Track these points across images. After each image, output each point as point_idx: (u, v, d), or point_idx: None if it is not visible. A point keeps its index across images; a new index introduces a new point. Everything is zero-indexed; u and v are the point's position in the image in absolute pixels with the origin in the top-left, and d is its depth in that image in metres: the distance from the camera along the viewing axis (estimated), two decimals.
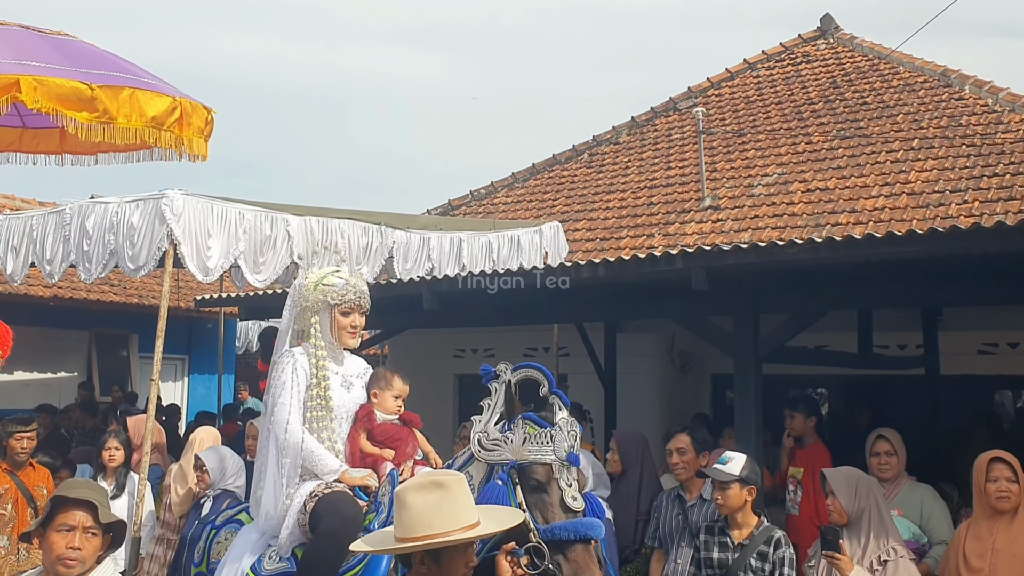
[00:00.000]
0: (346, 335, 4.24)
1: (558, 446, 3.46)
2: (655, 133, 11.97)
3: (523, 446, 3.49)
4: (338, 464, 4.05)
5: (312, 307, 4.23)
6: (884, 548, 4.39)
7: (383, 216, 7.14)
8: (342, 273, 4.34)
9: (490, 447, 3.57)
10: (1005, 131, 8.90)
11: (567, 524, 3.35)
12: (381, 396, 4.23)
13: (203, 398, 15.09)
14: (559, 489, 3.43)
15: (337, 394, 4.19)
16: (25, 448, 6.46)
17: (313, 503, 3.88)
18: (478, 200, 11.89)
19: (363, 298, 4.28)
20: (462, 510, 2.77)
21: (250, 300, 9.12)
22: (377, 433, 4.16)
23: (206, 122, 7.61)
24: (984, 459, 4.40)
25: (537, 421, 3.51)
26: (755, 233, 8.48)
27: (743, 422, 5.80)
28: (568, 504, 3.42)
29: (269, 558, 4.02)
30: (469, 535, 2.78)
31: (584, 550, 3.33)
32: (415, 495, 2.77)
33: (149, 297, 13.11)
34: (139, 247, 5.93)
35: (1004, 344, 8.99)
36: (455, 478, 2.84)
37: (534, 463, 3.46)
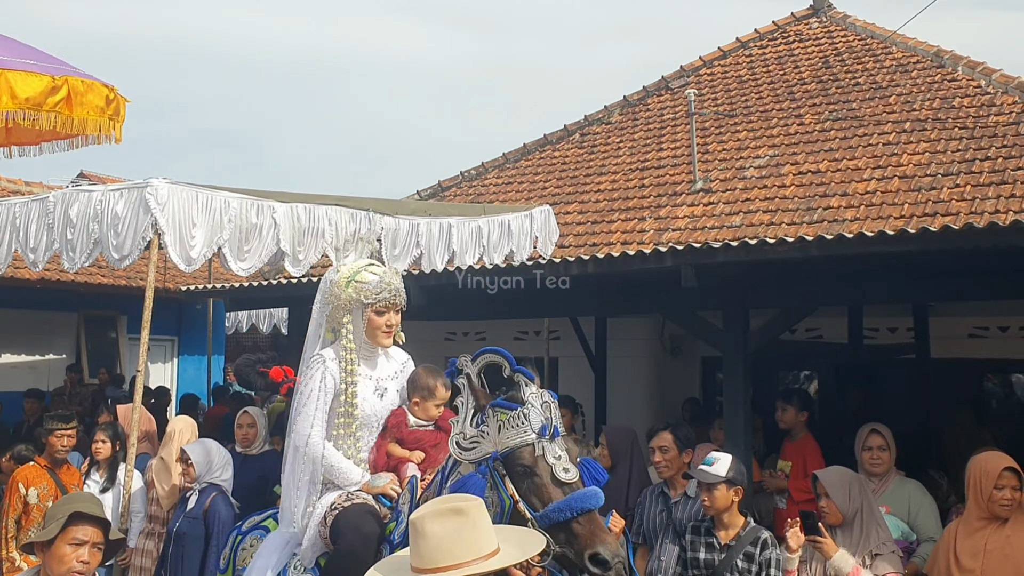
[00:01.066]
0: (381, 335, 4.03)
1: (533, 422, 3.33)
2: (647, 113, 11.88)
3: (500, 435, 3.36)
4: (359, 476, 3.93)
5: (344, 306, 4.01)
6: (876, 543, 4.40)
7: (371, 202, 7.07)
8: (376, 269, 4.11)
9: (469, 446, 3.46)
10: (998, 113, 8.84)
11: (561, 504, 3.21)
12: (423, 405, 4.08)
13: (193, 379, 15.03)
14: (547, 465, 3.29)
15: (369, 403, 4.03)
16: (65, 446, 6.39)
17: (333, 516, 3.79)
18: (468, 181, 11.80)
19: (399, 296, 4.05)
20: (483, 537, 2.65)
21: (236, 292, 9.07)
22: (409, 441, 4.04)
23: (107, 100, 7.37)
24: (996, 467, 4.36)
25: (505, 405, 3.38)
26: (746, 217, 8.44)
27: (732, 415, 5.78)
28: (560, 477, 3.27)
29: (295, 568, 3.93)
30: (494, 566, 2.65)
31: (587, 520, 3.21)
32: (433, 523, 2.63)
33: (137, 279, 13.00)
34: (123, 236, 5.86)
35: (994, 328, 9.00)
36: (474, 503, 2.72)
37: (515, 448, 3.32)
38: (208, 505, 5.75)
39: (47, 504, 6.02)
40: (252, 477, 6.45)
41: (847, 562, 4.31)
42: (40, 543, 3.28)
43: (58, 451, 6.36)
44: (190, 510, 5.82)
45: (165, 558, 5.85)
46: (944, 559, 4.39)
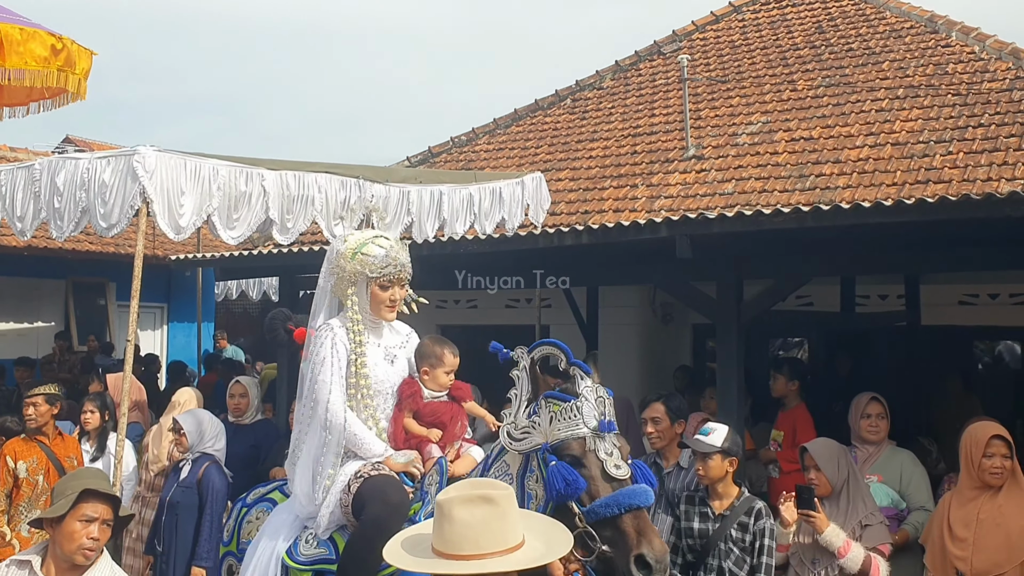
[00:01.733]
0: (384, 309, 3.98)
1: (587, 417, 3.28)
2: (639, 78, 11.79)
3: (551, 426, 3.30)
4: (382, 448, 3.85)
5: (349, 278, 3.95)
6: (864, 513, 4.44)
7: (361, 169, 6.99)
8: (382, 241, 4.02)
9: (520, 436, 3.39)
10: (991, 80, 8.80)
11: (609, 499, 3.15)
12: (432, 373, 4.01)
13: (183, 347, 15.00)
14: (598, 461, 3.24)
15: (381, 369, 3.97)
16: (31, 415, 6.25)
17: (358, 483, 3.70)
18: (459, 148, 11.71)
19: (404, 271, 3.99)
20: (509, 528, 2.56)
21: (226, 261, 9.01)
22: (424, 413, 3.96)
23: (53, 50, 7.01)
24: (984, 435, 4.39)
25: (560, 397, 3.34)
26: (739, 184, 8.40)
27: (725, 385, 5.79)
28: (611, 473, 3.22)
29: (306, 542, 3.84)
30: (518, 565, 2.55)
31: (634, 518, 3.14)
32: (461, 509, 2.54)
33: (126, 246, 12.91)
34: (111, 205, 5.77)
35: (984, 295, 9.03)
36: (505, 493, 2.61)
37: (566, 440, 3.27)
38: (201, 475, 5.76)
39: (37, 478, 6.01)
40: (244, 446, 6.46)
41: (838, 536, 4.35)
42: (49, 519, 3.27)
43: (28, 419, 6.28)
44: (183, 480, 5.83)
45: (158, 527, 5.86)
46: (938, 529, 4.43)
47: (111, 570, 3.35)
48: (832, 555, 4.36)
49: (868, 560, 4.35)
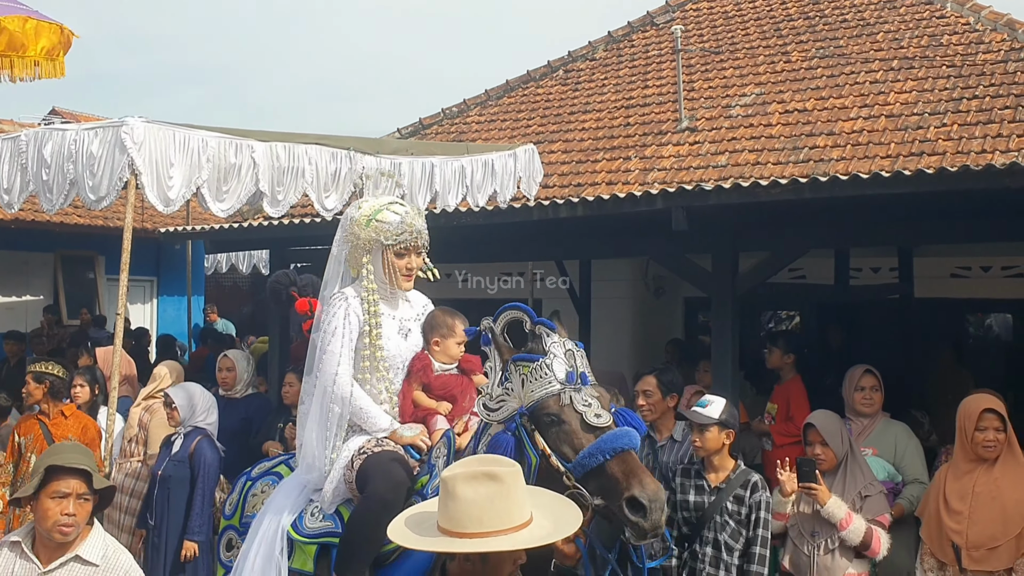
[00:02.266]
0: (401, 278, 3.85)
1: (557, 372, 3.17)
2: (632, 49, 11.69)
3: (524, 388, 3.20)
4: (388, 422, 3.77)
5: (364, 246, 3.83)
6: (863, 483, 4.45)
7: (351, 141, 6.93)
8: (397, 208, 3.87)
9: (496, 406, 3.30)
10: (986, 51, 8.75)
11: (591, 448, 3.01)
12: (443, 344, 3.90)
13: (173, 320, 14.94)
14: (576, 413, 3.11)
15: (393, 342, 3.86)
16: (24, 393, 6.13)
17: (361, 460, 3.64)
18: (450, 119, 11.62)
19: (420, 238, 3.85)
20: (515, 506, 2.48)
21: (216, 233, 8.93)
22: (435, 386, 3.88)
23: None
24: (976, 408, 4.39)
25: (527, 358, 3.23)
26: (732, 156, 8.36)
27: (720, 358, 5.78)
28: (592, 423, 3.08)
29: (311, 515, 3.78)
30: (523, 544, 2.47)
31: (620, 462, 2.99)
32: (465, 486, 2.47)
33: (115, 219, 12.80)
34: (99, 177, 5.71)
35: (977, 268, 9.04)
36: (511, 470, 2.52)
37: (541, 399, 3.15)
38: (193, 449, 5.74)
39: (30, 455, 5.97)
40: (235, 420, 6.45)
41: (840, 508, 4.36)
42: (26, 499, 3.24)
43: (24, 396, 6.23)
44: (175, 454, 5.80)
45: (151, 500, 5.85)
46: (934, 502, 4.44)
47: (103, 542, 3.32)
48: (833, 527, 4.38)
49: (869, 532, 4.37)
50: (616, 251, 7.66)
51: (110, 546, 3.34)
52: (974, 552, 4.26)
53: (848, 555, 4.40)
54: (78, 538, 3.24)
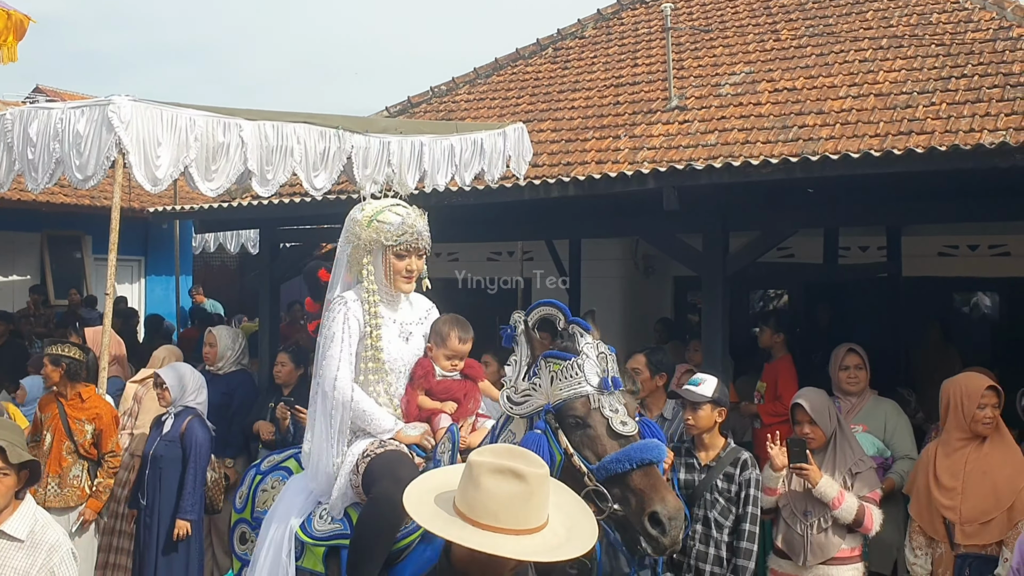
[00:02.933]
0: (401, 280, 3.83)
1: (588, 374, 3.14)
2: (621, 27, 11.64)
3: (552, 386, 3.17)
4: (392, 422, 3.75)
5: (365, 246, 3.82)
6: (853, 460, 4.48)
7: (340, 120, 6.90)
8: (399, 209, 3.87)
9: (520, 399, 3.26)
10: (975, 30, 8.74)
11: (620, 454, 3.01)
12: (435, 353, 3.89)
13: (161, 300, 14.89)
14: (603, 418, 3.10)
15: (394, 346, 3.84)
16: (45, 373, 6.06)
17: (366, 463, 3.63)
18: (439, 97, 11.55)
19: (421, 240, 3.83)
20: (533, 509, 2.40)
21: (205, 213, 8.88)
22: (437, 391, 3.86)
23: None
24: (980, 386, 4.42)
25: (559, 355, 3.20)
26: (722, 135, 8.34)
27: (711, 338, 5.80)
28: (617, 430, 3.08)
29: (320, 517, 3.77)
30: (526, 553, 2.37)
31: (645, 474, 3.00)
32: (490, 478, 2.40)
33: (102, 198, 12.73)
34: (86, 156, 5.69)
35: (964, 247, 9.09)
36: (538, 472, 2.43)
37: (568, 400, 3.13)
38: (184, 428, 5.75)
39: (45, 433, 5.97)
40: (217, 395, 6.48)
41: (832, 487, 4.39)
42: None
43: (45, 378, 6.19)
44: (166, 433, 5.82)
45: (142, 481, 5.86)
46: (924, 479, 4.48)
47: (33, 517, 3.31)
48: (825, 506, 4.41)
49: (862, 510, 4.41)
50: (606, 230, 7.67)
51: (39, 521, 3.33)
52: (967, 527, 4.31)
53: (841, 533, 4.44)
54: (4, 513, 3.23)
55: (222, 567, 6.54)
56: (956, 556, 4.36)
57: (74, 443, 5.82)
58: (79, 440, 5.81)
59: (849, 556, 4.48)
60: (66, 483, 5.79)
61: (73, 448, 5.81)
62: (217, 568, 6.63)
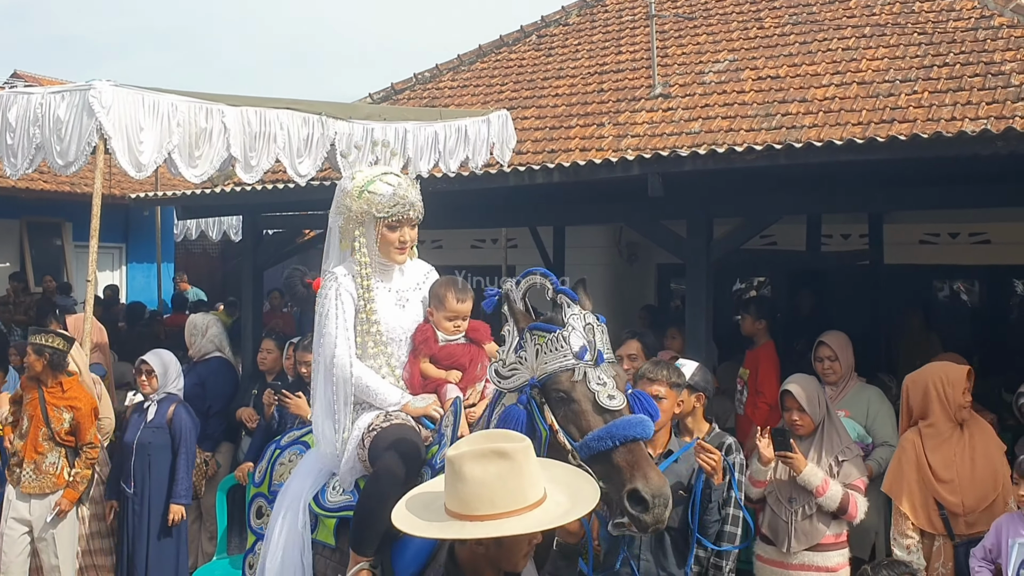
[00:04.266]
0: (394, 251, 3.72)
1: (574, 345, 2.98)
2: (605, 15, 11.64)
3: (537, 360, 3.03)
4: (398, 395, 3.68)
5: (356, 218, 3.70)
6: (840, 447, 4.50)
7: (324, 106, 6.88)
8: (390, 178, 3.74)
9: (508, 373, 3.13)
10: (957, 19, 8.79)
11: (602, 431, 2.87)
12: (436, 317, 3.76)
13: (142, 287, 14.81)
14: (589, 392, 2.95)
15: (391, 314, 3.74)
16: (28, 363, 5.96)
17: (371, 437, 3.58)
18: (422, 84, 11.52)
19: (413, 210, 3.70)
20: (528, 484, 2.32)
21: (187, 199, 8.82)
22: (441, 357, 3.74)
23: None
24: (961, 373, 4.45)
25: (544, 327, 3.04)
26: (705, 123, 8.36)
27: (694, 323, 5.83)
28: (603, 404, 2.92)
29: (333, 488, 3.74)
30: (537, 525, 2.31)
31: (628, 451, 2.85)
32: (474, 465, 2.31)
33: (82, 185, 12.64)
34: (67, 142, 5.65)
35: (945, 234, 9.16)
36: (521, 446, 2.36)
37: (553, 373, 2.99)
38: (172, 415, 5.77)
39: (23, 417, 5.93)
40: (189, 385, 6.50)
41: (816, 476, 4.42)
42: None
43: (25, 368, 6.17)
44: (152, 420, 5.82)
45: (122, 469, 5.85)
46: (915, 474, 4.44)
47: None
48: (810, 493, 4.43)
49: (846, 497, 4.43)
50: (590, 217, 7.67)
51: None
52: (970, 517, 4.34)
53: (825, 520, 4.47)
54: None
55: (207, 553, 6.55)
56: (956, 546, 4.38)
57: (51, 430, 5.78)
58: (56, 427, 5.76)
59: (834, 543, 4.51)
60: (42, 470, 5.73)
61: (50, 435, 5.78)
62: (203, 553, 6.63)
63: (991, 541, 4.15)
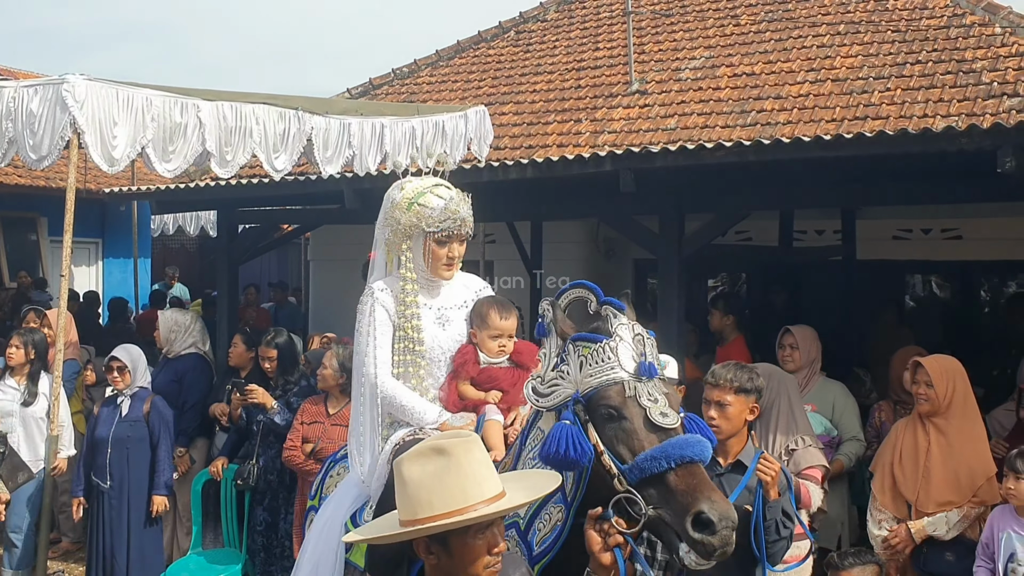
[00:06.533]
0: (441, 267, 3.59)
1: (623, 358, 2.72)
2: (583, 11, 11.68)
3: (581, 372, 2.76)
4: (436, 414, 3.51)
5: (404, 231, 3.55)
6: (792, 439, 4.53)
7: (300, 100, 6.86)
8: (442, 191, 3.60)
9: (547, 391, 2.86)
10: (930, 17, 8.89)
11: (656, 451, 2.58)
12: (479, 337, 3.60)
13: (119, 283, 14.72)
14: (640, 408, 2.67)
15: (429, 333, 3.60)
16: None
17: (396, 452, 3.41)
18: (401, 79, 11.52)
19: (464, 226, 3.58)
20: (470, 482, 2.13)
21: (163, 194, 8.78)
22: (481, 380, 3.58)
23: None
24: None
25: (590, 337, 2.78)
26: (681, 119, 8.42)
27: (666, 318, 5.89)
28: (656, 421, 2.65)
29: (370, 508, 3.59)
30: (475, 515, 2.11)
31: (688, 474, 2.57)
32: (412, 465, 2.16)
33: (57, 179, 12.55)
34: (40, 136, 5.60)
35: (917, 230, 9.26)
36: (462, 441, 2.19)
37: (599, 387, 2.71)
38: (148, 408, 5.80)
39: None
40: (166, 381, 6.55)
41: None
42: None
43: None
44: (127, 415, 5.84)
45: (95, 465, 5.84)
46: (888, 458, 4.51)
47: None
48: None
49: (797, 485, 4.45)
50: (566, 212, 7.72)
51: None
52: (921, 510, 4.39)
53: None
54: None
55: (182, 547, 6.55)
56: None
57: None
58: None
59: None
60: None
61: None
62: (178, 547, 6.64)
63: (986, 535, 4.20)
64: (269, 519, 5.91)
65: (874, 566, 4.05)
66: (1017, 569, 3.96)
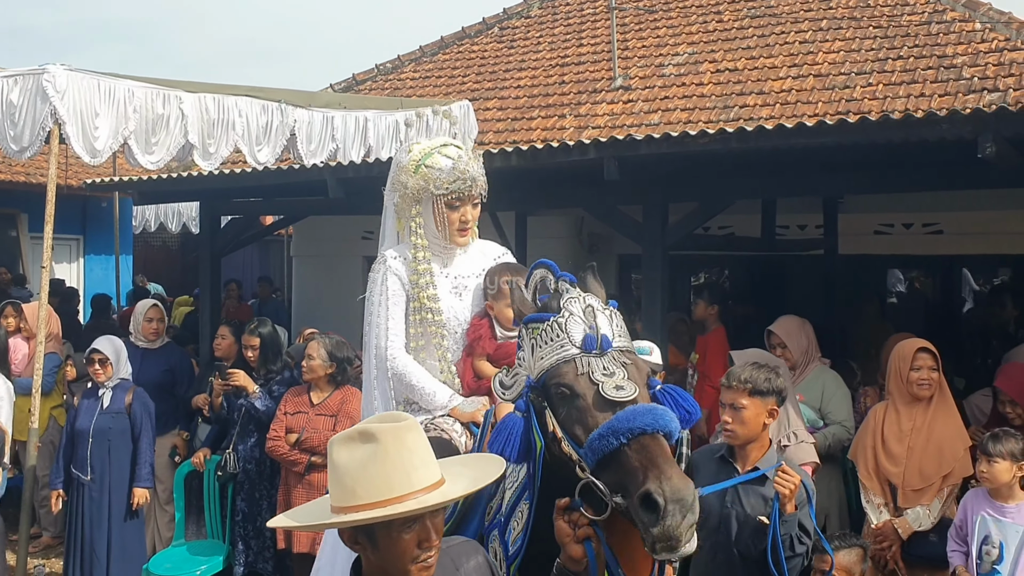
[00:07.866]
0: (455, 233, 3.37)
1: (573, 333, 2.44)
2: (567, 7, 11.71)
3: (534, 355, 2.51)
4: (446, 397, 3.31)
5: (413, 195, 3.36)
6: (784, 433, 4.56)
7: (283, 93, 6.84)
8: (450, 151, 3.40)
9: (511, 382, 2.64)
10: (911, 13, 8.95)
11: (603, 428, 2.26)
12: (496, 308, 3.35)
13: (100, 280, 14.63)
14: (592, 384, 2.37)
15: (445, 303, 3.39)
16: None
17: None
18: (384, 75, 11.51)
19: (475, 186, 3.36)
20: (398, 472, 1.93)
21: (144, 184, 8.73)
22: (498, 357, 3.33)
23: None
24: (911, 348, 4.56)
25: (538, 318, 2.53)
26: (665, 115, 8.45)
27: (650, 307, 5.92)
28: (609, 396, 2.32)
29: None
30: (390, 510, 1.91)
31: (641, 447, 2.21)
32: (340, 449, 1.97)
33: (37, 175, 12.47)
34: (21, 127, 5.56)
35: (899, 225, 9.32)
36: (392, 427, 1.98)
37: (551, 368, 2.44)
38: (131, 400, 5.78)
39: None
40: (157, 372, 6.57)
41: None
42: None
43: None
44: (108, 407, 5.81)
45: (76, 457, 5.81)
46: (871, 442, 4.58)
47: None
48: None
49: None
50: (550, 203, 7.75)
51: None
52: (908, 491, 4.46)
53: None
54: None
55: (165, 538, 6.53)
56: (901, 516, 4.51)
57: None
58: None
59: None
60: None
61: None
62: (159, 539, 6.61)
63: (959, 518, 4.26)
64: (246, 509, 5.91)
65: (859, 549, 4.10)
66: (991, 551, 4.02)
